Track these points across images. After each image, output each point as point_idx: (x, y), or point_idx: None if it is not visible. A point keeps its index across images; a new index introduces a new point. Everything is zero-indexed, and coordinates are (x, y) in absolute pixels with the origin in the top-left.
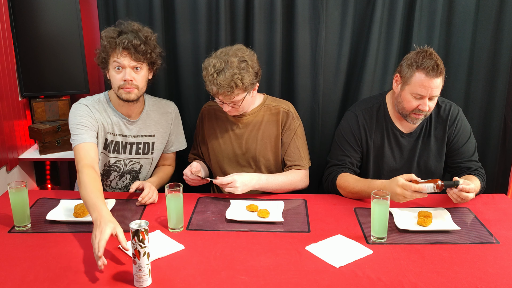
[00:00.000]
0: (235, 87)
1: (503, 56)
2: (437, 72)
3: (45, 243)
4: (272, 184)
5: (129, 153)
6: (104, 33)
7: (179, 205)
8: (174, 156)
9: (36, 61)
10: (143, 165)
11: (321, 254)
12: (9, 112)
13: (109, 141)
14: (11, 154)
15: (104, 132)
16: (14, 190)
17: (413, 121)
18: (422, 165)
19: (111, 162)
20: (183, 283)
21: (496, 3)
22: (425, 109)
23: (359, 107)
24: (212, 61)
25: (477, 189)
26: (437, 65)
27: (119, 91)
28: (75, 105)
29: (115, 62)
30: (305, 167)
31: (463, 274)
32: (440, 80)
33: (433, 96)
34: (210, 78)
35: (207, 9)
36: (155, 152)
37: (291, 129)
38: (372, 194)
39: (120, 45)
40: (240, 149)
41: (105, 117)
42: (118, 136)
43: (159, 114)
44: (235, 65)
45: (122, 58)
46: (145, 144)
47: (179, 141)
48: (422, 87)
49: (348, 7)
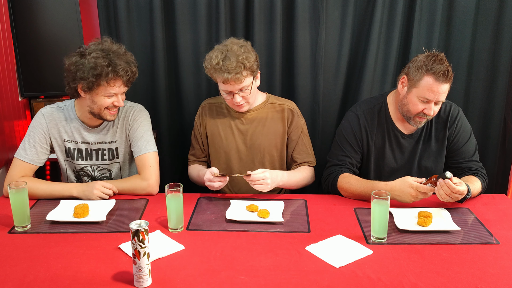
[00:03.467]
0: (243, 68)
1: (503, 56)
2: (446, 78)
3: (45, 243)
4: (292, 181)
5: (96, 159)
6: (93, 59)
7: (179, 205)
8: (144, 162)
9: (36, 61)
10: (113, 170)
11: (321, 254)
12: (9, 112)
13: (70, 148)
14: (11, 154)
15: (61, 141)
16: (14, 190)
17: (416, 124)
18: (423, 166)
19: (77, 168)
20: (183, 283)
21: (496, 3)
22: (430, 113)
23: (360, 108)
24: (213, 53)
25: (477, 190)
26: (448, 71)
27: (104, 112)
28: (37, 112)
29: (107, 90)
30: (313, 164)
31: (463, 274)
32: (448, 86)
33: (439, 101)
34: (217, 67)
35: (207, 9)
36: (120, 156)
37: (298, 127)
38: (372, 194)
39: (113, 73)
40: (245, 144)
41: (64, 125)
42: (80, 144)
43: (118, 119)
44: (236, 49)
45: (116, 88)
46: (109, 150)
47: (138, 145)
48: (430, 92)
49: (348, 7)
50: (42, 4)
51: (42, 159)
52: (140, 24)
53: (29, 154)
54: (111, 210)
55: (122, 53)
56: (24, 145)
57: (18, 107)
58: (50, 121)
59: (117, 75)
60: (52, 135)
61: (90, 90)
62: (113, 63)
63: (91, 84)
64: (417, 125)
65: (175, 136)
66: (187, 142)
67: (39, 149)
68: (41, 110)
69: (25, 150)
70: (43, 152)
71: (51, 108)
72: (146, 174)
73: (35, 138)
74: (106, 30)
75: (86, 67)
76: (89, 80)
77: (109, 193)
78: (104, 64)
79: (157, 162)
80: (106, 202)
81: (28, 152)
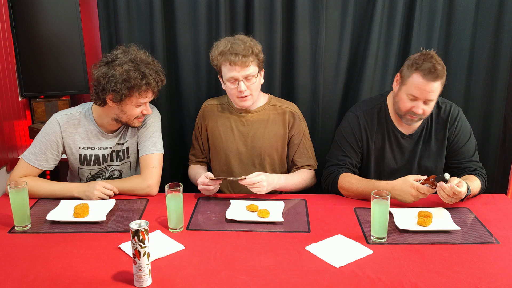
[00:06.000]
0: (251, 52)
1: (503, 56)
2: (433, 75)
3: (45, 243)
4: (290, 184)
5: (110, 160)
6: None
7: (179, 205)
8: (148, 162)
9: (36, 61)
10: (123, 170)
11: (321, 254)
12: (9, 112)
13: (86, 155)
14: (11, 154)
15: (76, 149)
16: (14, 190)
17: (408, 122)
18: (423, 166)
19: (93, 173)
20: (183, 283)
21: (496, 3)
22: (418, 112)
23: (360, 108)
24: (220, 42)
25: (476, 189)
26: (435, 69)
27: (134, 121)
28: (51, 118)
29: (138, 101)
30: (314, 167)
31: (463, 274)
32: (438, 84)
33: (428, 100)
34: (225, 49)
35: (207, 9)
36: (131, 156)
37: (300, 131)
38: (372, 194)
39: (146, 86)
40: (245, 146)
41: (80, 132)
42: (97, 150)
43: None
44: (243, 38)
45: (147, 98)
46: (122, 151)
47: (145, 145)
48: (417, 89)
49: (348, 7)
50: (42, 4)
51: (52, 164)
52: (140, 24)
53: (38, 159)
54: (111, 210)
55: (151, 62)
56: (35, 150)
57: (18, 107)
58: (65, 129)
59: (150, 86)
60: (66, 143)
61: (120, 101)
62: (146, 75)
63: (123, 96)
64: (408, 123)
65: (175, 136)
66: (187, 142)
67: (49, 155)
68: (56, 116)
69: (35, 155)
70: (53, 159)
71: (67, 115)
72: (147, 174)
73: (46, 145)
74: (106, 30)
75: (118, 79)
76: (121, 93)
77: (109, 194)
78: (138, 77)
79: (161, 164)
80: (106, 202)
81: (38, 158)
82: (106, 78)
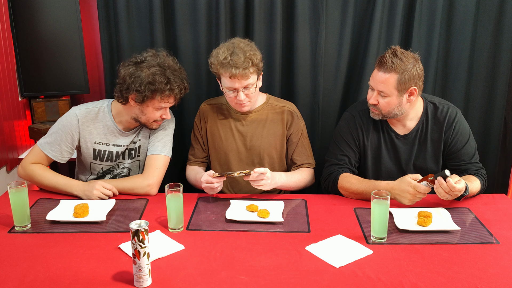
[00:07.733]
0: (251, 64)
1: (503, 56)
2: (383, 66)
3: (45, 243)
4: (290, 182)
5: (122, 158)
6: (151, 74)
7: (179, 205)
8: (152, 162)
9: (36, 61)
10: (132, 169)
11: (321, 254)
12: (9, 112)
13: (100, 151)
14: (11, 154)
15: (91, 143)
16: (14, 190)
17: (371, 114)
18: (419, 167)
19: (104, 169)
20: (183, 283)
21: (496, 3)
22: (370, 100)
23: (356, 109)
24: (220, 49)
25: (475, 189)
26: (385, 60)
27: (152, 123)
28: (70, 110)
29: (159, 104)
30: (313, 165)
31: (463, 274)
32: (387, 77)
33: (380, 91)
34: (224, 61)
35: (207, 9)
36: (141, 155)
37: (298, 130)
38: (372, 194)
39: (169, 91)
40: (245, 146)
41: (97, 127)
42: (112, 146)
43: None
44: (243, 46)
45: (168, 104)
46: (134, 149)
47: (154, 145)
48: (371, 78)
49: (348, 7)
50: (42, 4)
51: (66, 157)
52: (140, 24)
53: (53, 150)
54: (111, 210)
55: (178, 69)
56: (51, 140)
57: (18, 107)
58: (83, 123)
59: (173, 92)
60: (82, 137)
61: (142, 102)
62: (170, 81)
63: (146, 97)
64: (373, 116)
65: (175, 136)
66: (186, 142)
67: (64, 147)
68: (74, 110)
69: (51, 145)
70: (68, 151)
71: (86, 110)
72: (149, 173)
73: (62, 137)
74: (106, 30)
75: (143, 80)
76: (144, 94)
77: (109, 194)
78: (163, 81)
79: (165, 167)
80: (106, 202)
81: (53, 148)
82: (132, 78)
